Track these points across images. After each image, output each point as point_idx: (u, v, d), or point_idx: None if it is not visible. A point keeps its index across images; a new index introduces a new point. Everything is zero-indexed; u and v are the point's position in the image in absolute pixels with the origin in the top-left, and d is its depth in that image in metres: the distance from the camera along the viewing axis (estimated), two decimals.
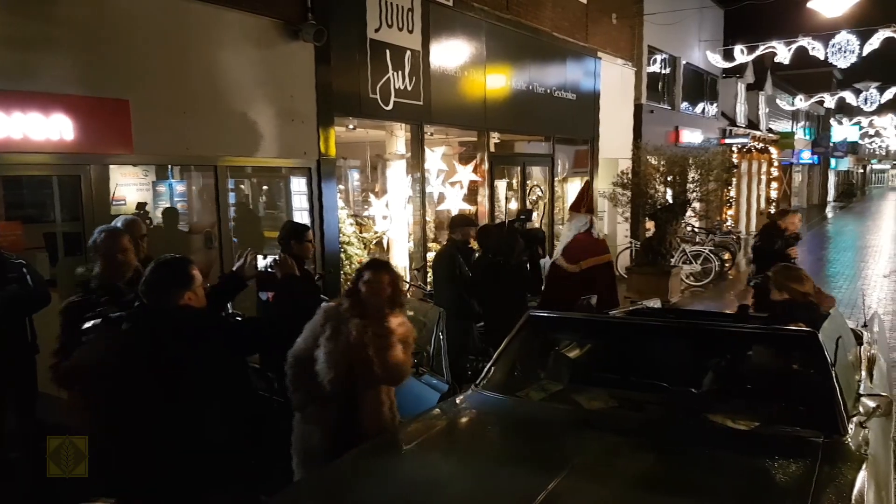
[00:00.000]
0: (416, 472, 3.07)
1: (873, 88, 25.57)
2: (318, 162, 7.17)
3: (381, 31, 7.85)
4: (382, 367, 3.33)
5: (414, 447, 3.28)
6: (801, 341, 3.45)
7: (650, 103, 16.40)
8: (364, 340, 3.34)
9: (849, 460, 2.80)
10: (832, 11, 13.50)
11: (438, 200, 9.77)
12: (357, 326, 3.37)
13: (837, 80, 35.11)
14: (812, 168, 38.28)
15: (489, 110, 9.89)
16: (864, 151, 57.08)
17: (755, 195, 26.12)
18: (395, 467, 3.09)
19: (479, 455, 3.18)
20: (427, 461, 3.17)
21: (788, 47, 16.63)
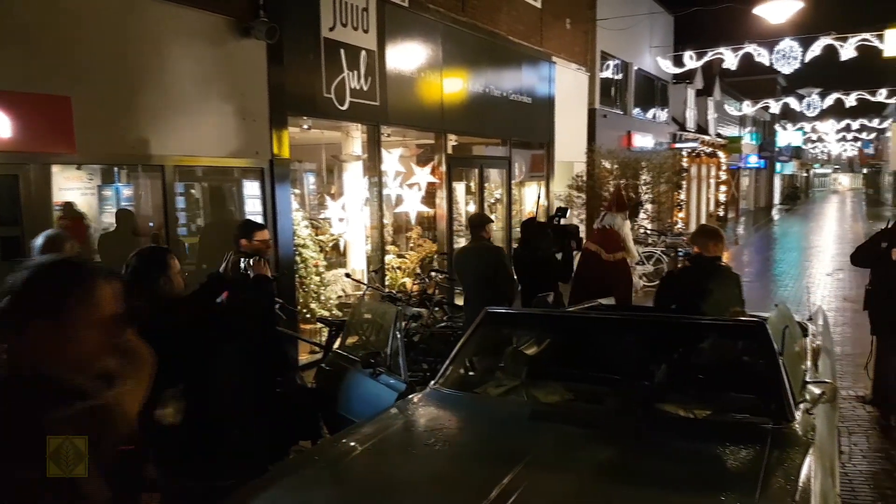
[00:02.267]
0: (371, 471, 3.04)
1: (815, 94, 26.49)
2: (271, 162, 7.06)
3: (336, 31, 7.79)
4: None
5: (370, 446, 3.24)
6: (749, 332, 3.53)
7: (603, 108, 16.67)
8: None
9: (796, 445, 2.87)
10: (776, 18, 13.95)
11: (396, 202, 9.73)
12: None
13: (782, 87, 36.26)
14: (759, 172, 39.43)
15: (446, 112, 9.90)
16: (807, 156, 59.12)
17: (704, 198, 26.77)
18: (351, 467, 3.05)
19: (435, 451, 3.16)
20: (383, 460, 3.14)
21: (735, 53, 17.11)
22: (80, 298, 1.58)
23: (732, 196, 31.42)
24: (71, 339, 1.57)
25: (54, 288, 1.58)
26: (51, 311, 1.56)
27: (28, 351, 1.53)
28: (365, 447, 3.26)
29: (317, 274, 7.76)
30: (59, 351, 1.56)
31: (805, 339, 4.44)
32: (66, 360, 1.57)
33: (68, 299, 1.57)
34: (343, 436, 3.43)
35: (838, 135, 46.71)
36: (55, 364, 1.55)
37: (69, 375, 1.55)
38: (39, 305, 1.56)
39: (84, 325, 1.58)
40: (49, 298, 1.56)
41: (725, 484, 2.67)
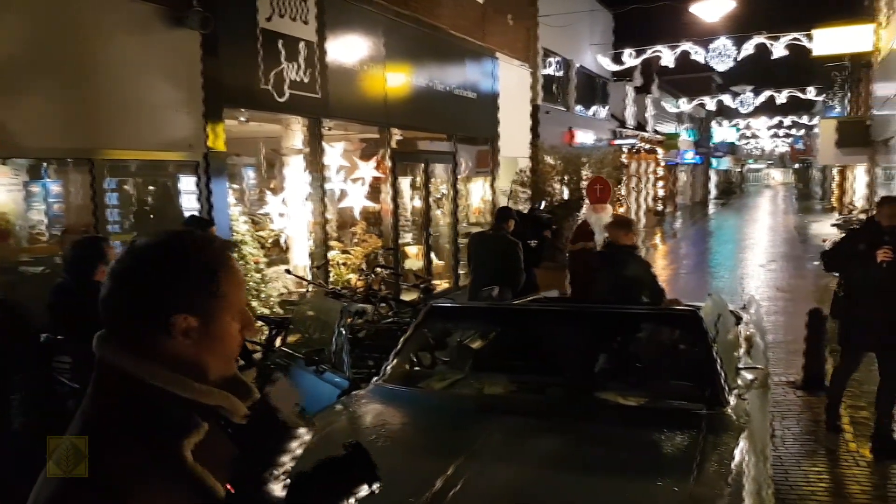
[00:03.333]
0: None
1: (749, 92, 27.41)
2: (206, 156, 6.85)
3: (274, 21, 7.61)
4: None
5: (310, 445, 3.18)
6: (684, 320, 3.61)
7: (546, 104, 16.86)
8: None
9: (730, 430, 2.95)
10: (711, 17, 14.36)
11: (339, 197, 9.59)
12: None
13: (717, 85, 37.41)
14: (695, 167, 40.59)
15: (390, 106, 9.82)
16: (741, 152, 61.24)
17: (644, 193, 27.40)
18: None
19: (377, 447, 3.12)
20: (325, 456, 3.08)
21: (672, 52, 17.54)
22: (224, 281, 1.17)
23: (670, 191, 32.27)
24: (217, 336, 1.16)
25: (200, 268, 1.15)
26: (197, 300, 1.14)
27: (164, 357, 1.12)
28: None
29: (257, 271, 7.59)
30: (204, 352, 1.15)
31: (738, 328, 4.57)
32: (211, 364, 1.16)
33: (214, 283, 1.15)
34: None
35: (770, 131, 48.51)
36: (196, 371, 1.14)
37: (205, 385, 1.15)
38: (181, 293, 1.13)
39: (230, 316, 1.18)
40: (194, 283, 1.14)
41: (663, 469, 2.73)
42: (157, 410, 1.10)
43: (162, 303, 1.12)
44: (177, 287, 1.13)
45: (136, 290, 1.14)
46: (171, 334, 1.12)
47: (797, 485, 4.57)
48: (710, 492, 2.45)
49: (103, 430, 1.09)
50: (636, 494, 2.54)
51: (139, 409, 1.09)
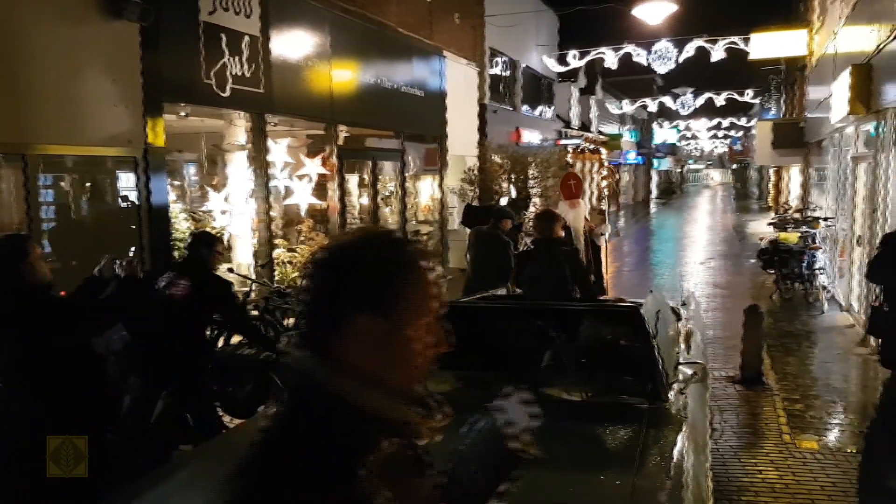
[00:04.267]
0: None
1: (689, 94, 28.17)
2: (146, 151, 6.65)
3: (216, 14, 7.44)
4: None
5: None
6: (625, 316, 3.68)
7: (493, 104, 16.98)
8: None
9: (670, 424, 3.02)
10: (652, 19, 14.69)
11: (285, 194, 9.44)
12: None
13: (659, 86, 38.31)
14: (637, 168, 41.51)
15: (336, 103, 9.72)
16: (681, 152, 62.92)
17: (588, 192, 27.87)
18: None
19: None
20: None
21: (616, 53, 17.87)
22: (413, 283, 1.09)
23: (613, 190, 32.91)
24: (403, 344, 1.07)
25: (385, 267, 1.07)
26: (382, 301, 1.05)
27: (345, 362, 1.04)
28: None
29: None
30: (386, 361, 1.06)
31: (678, 323, 4.69)
32: (393, 373, 1.07)
33: (400, 283, 1.07)
34: (225, 438, 3.30)
35: (710, 132, 49.98)
36: (377, 379, 1.05)
37: (389, 397, 1.05)
38: (366, 291, 1.04)
39: (417, 322, 1.09)
40: (379, 282, 1.05)
41: (606, 463, 2.77)
42: (336, 422, 1.01)
43: (343, 301, 1.04)
44: (360, 286, 1.04)
45: (319, 289, 1.08)
46: (353, 337, 1.04)
47: (735, 476, 4.72)
48: (651, 484, 2.50)
49: (280, 441, 1.03)
50: (580, 489, 2.57)
51: (318, 419, 1.01)
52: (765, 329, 6.88)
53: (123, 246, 6.67)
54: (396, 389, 1.06)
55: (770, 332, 8.39)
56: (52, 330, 3.28)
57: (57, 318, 3.34)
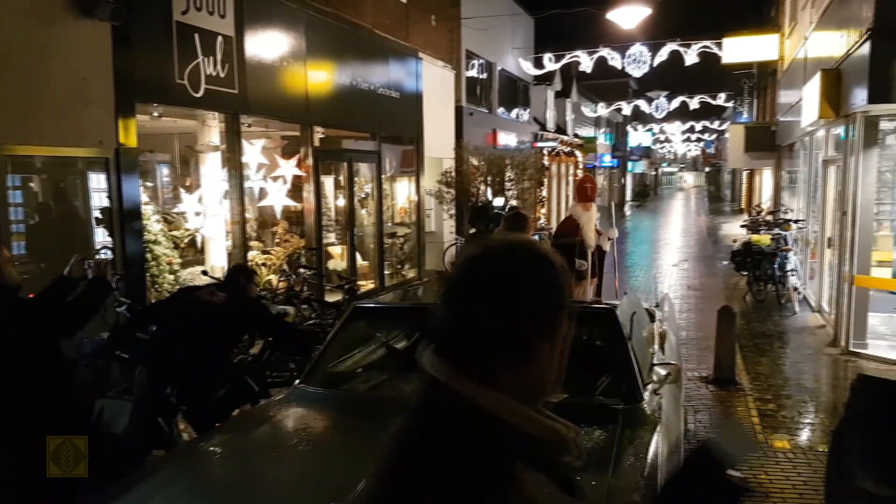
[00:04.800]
0: (229, 475, 2.90)
1: (663, 97, 28.54)
2: (117, 152, 6.54)
3: (189, 14, 7.36)
4: None
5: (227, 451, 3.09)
6: (601, 318, 3.70)
7: (470, 106, 17.00)
8: None
9: (645, 424, 3.04)
10: (627, 23, 14.84)
11: (259, 196, 9.35)
12: None
13: (633, 90, 38.74)
14: (612, 170, 41.86)
15: (312, 104, 9.66)
16: (656, 155, 63.61)
17: (564, 195, 28.05)
18: (208, 473, 2.89)
19: (298, 451, 3.06)
20: (242, 464, 3.01)
21: (591, 57, 18.02)
22: (567, 300, 1.03)
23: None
24: (558, 360, 1.02)
25: (555, 292, 1.00)
26: (554, 326, 0.99)
27: (507, 384, 0.97)
28: (222, 452, 3.11)
29: (171, 272, 7.29)
30: (545, 379, 1.00)
31: (653, 325, 4.73)
32: (545, 389, 1.02)
33: (567, 304, 1.02)
34: (198, 442, 3.25)
35: (683, 136, 50.64)
36: (531, 396, 0.99)
37: (541, 413, 1.00)
38: (541, 319, 0.98)
39: (563, 338, 1.04)
40: (552, 308, 0.99)
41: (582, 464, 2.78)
42: (489, 440, 0.95)
43: (526, 327, 0.97)
44: (540, 308, 0.98)
45: (483, 315, 0.97)
46: (528, 363, 0.96)
47: None
48: (626, 484, 2.51)
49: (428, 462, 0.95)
50: (556, 491, 2.57)
51: (469, 436, 0.95)
52: (737, 330, 6.97)
53: (95, 248, 6.57)
54: (542, 405, 1.02)
55: (743, 333, 8.51)
56: (19, 333, 3.22)
57: (25, 321, 3.29)
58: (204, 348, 4.30)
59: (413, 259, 13.54)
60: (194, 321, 4.33)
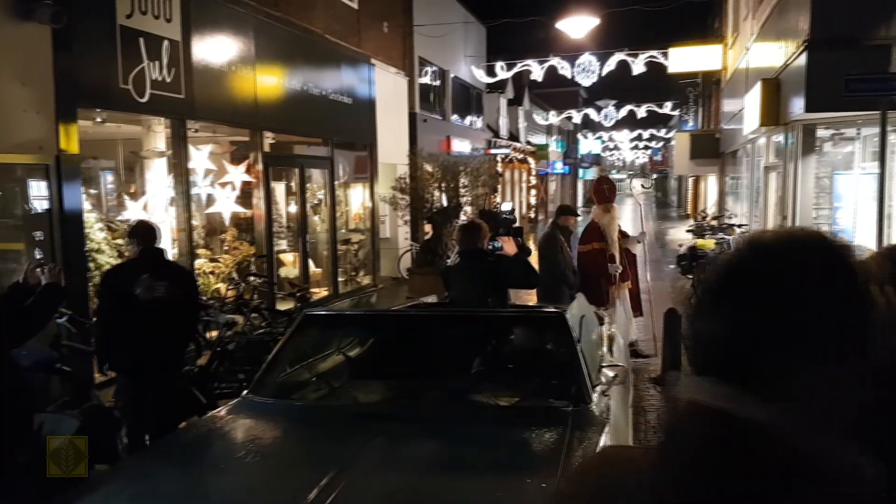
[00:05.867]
0: (174, 490, 2.83)
1: (611, 106, 29.11)
2: (58, 159, 6.34)
3: (134, 18, 7.19)
4: None
5: (172, 465, 3.01)
6: (551, 322, 3.75)
7: (424, 113, 17.05)
8: None
9: (594, 425, 3.08)
10: (576, 33, 15.11)
11: (207, 203, 9.17)
12: None
13: (583, 99, 39.41)
14: (564, 177, 42.55)
15: (261, 109, 9.54)
16: (605, 163, 64.84)
17: (517, 201, 28.34)
18: (152, 487, 2.81)
19: (246, 463, 3.00)
20: (188, 478, 2.94)
21: (541, 66, 18.29)
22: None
23: (542, 199, 33.57)
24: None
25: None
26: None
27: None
28: (166, 466, 3.03)
29: None
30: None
31: (602, 328, 4.81)
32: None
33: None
34: (142, 455, 3.17)
35: (632, 143, 51.75)
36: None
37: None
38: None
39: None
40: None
41: (532, 466, 2.81)
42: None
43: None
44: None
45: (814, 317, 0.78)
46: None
47: None
48: None
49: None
50: (507, 494, 2.59)
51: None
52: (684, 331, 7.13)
53: (35, 257, 6.33)
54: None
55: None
56: None
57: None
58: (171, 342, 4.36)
59: (368, 266, 13.47)
60: (153, 326, 4.38)
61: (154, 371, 4.53)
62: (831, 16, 6.67)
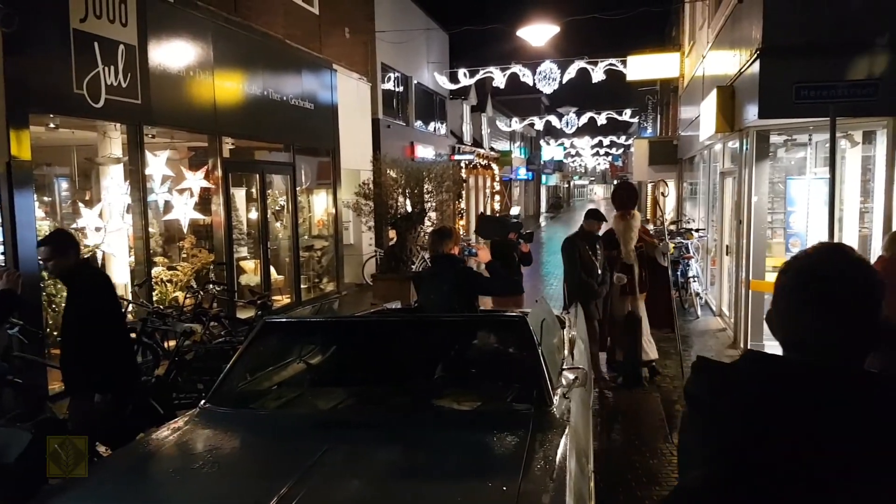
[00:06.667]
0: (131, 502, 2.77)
1: (573, 113, 29.47)
2: (9, 165, 6.15)
3: (89, 22, 7.03)
4: None
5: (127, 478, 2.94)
6: (513, 326, 3.77)
7: (387, 118, 17.03)
8: None
9: (555, 428, 3.10)
10: (537, 41, 15.26)
11: (165, 209, 9.00)
12: None
13: (545, 106, 39.84)
14: (527, 183, 42.87)
15: (220, 114, 9.41)
16: (568, 169, 65.60)
17: (482, 206, 28.46)
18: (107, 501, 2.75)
19: (204, 472, 2.94)
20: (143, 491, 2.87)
21: (503, 73, 18.42)
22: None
23: (506, 205, 33.78)
24: None
25: None
26: None
27: None
28: (122, 478, 2.96)
29: None
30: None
31: (563, 331, 4.85)
32: None
33: None
34: (97, 468, 3.09)
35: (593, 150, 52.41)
36: None
37: None
38: None
39: None
40: None
41: (494, 469, 2.82)
42: None
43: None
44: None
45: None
46: None
47: (619, 474, 4.91)
48: (536, 488, 2.55)
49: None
50: (469, 497, 2.59)
51: None
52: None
53: None
54: None
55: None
56: None
57: None
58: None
59: (331, 272, 13.37)
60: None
61: (80, 390, 4.20)
62: (783, 25, 6.85)
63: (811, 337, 1.15)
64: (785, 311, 1.20)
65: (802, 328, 1.16)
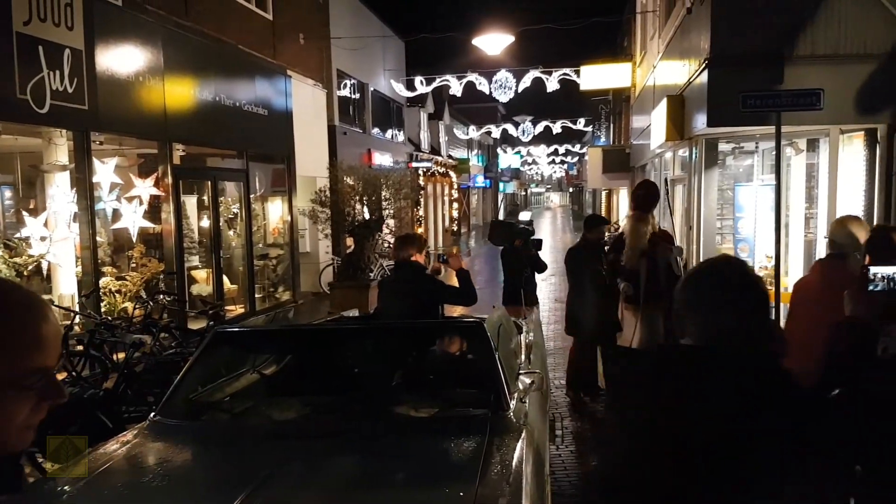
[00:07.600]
0: None
1: (528, 122, 29.80)
2: None
3: (33, 25, 6.82)
4: None
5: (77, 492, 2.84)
6: (470, 331, 3.77)
7: (343, 125, 16.92)
8: None
9: (511, 432, 3.11)
10: (492, 50, 15.39)
11: (113, 218, 8.76)
12: None
13: (502, 114, 40.20)
14: (486, 191, 43.17)
15: (171, 120, 9.22)
16: (525, 177, 66.29)
17: (441, 214, 28.51)
18: None
19: (154, 486, 2.86)
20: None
21: (460, 81, 18.53)
22: None
23: (464, 212, 33.91)
24: None
25: None
26: None
27: None
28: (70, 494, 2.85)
29: None
30: None
31: (520, 336, 4.87)
32: None
33: None
34: (43, 484, 2.98)
35: (549, 158, 53.09)
36: None
37: None
38: None
39: None
40: None
41: (451, 475, 2.81)
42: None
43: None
44: None
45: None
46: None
47: (576, 477, 4.95)
48: (492, 492, 2.55)
49: None
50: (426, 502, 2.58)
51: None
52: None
53: None
54: None
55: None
56: None
57: None
58: None
59: (287, 281, 13.20)
60: None
61: None
62: (730, 35, 7.05)
63: (710, 326, 1.51)
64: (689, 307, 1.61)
65: (703, 319, 1.52)
